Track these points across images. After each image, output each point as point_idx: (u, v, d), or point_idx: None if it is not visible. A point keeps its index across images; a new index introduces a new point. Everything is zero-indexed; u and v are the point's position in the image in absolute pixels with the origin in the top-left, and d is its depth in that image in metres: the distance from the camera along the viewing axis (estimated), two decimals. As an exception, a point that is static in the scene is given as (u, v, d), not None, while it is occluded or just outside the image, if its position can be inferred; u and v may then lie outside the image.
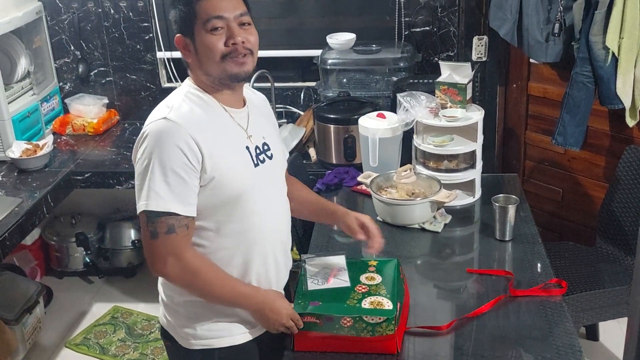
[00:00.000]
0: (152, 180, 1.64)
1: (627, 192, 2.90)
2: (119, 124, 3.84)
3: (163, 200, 1.64)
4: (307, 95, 3.69)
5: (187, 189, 1.66)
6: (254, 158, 1.81)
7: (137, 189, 1.69)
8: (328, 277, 1.94)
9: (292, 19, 3.61)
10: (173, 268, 1.70)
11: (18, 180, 3.15)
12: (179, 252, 1.69)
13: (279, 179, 1.94)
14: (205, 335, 1.83)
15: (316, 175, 3.06)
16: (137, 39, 3.72)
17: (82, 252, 3.80)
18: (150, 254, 1.71)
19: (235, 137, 1.79)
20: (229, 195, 1.73)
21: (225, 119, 1.78)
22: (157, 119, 1.69)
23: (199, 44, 1.72)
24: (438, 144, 2.64)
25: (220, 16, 1.70)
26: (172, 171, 1.64)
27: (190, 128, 1.67)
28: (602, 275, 2.86)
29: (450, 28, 3.49)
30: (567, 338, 1.87)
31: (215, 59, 1.71)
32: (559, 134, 3.07)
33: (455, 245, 2.45)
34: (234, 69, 1.73)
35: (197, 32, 1.71)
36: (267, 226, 1.84)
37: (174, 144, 1.64)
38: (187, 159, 1.65)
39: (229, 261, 1.78)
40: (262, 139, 1.86)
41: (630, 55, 2.78)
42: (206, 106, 1.76)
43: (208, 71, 1.74)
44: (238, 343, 1.85)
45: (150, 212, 1.66)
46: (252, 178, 1.78)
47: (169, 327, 1.89)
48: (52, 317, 3.54)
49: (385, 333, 1.78)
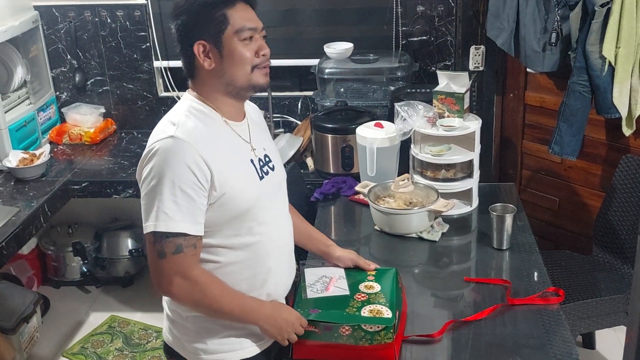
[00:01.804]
0: (160, 201, 1.63)
1: (623, 201, 2.91)
2: (115, 134, 3.84)
3: (173, 221, 1.63)
4: (304, 105, 3.70)
5: (195, 209, 1.65)
6: (259, 171, 1.81)
7: (145, 208, 1.67)
8: (327, 286, 1.94)
9: (289, 28, 3.62)
10: (180, 287, 1.69)
11: (15, 190, 3.14)
12: (186, 271, 1.67)
13: (282, 190, 1.94)
14: (216, 349, 1.81)
15: (314, 184, 3.06)
16: (134, 48, 3.72)
17: (79, 261, 3.79)
18: (156, 274, 1.69)
19: (240, 151, 1.79)
20: (238, 210, 1.73)
21: (228, 133, 1.78)
22: (164, 137, 1.66)
23: (229, 51, 1.71)
24: (436, 154, 2.65)
25: (254, 28, 1.73)
26: (181, 191, 1.62)
27: (198, 146, 1.65)
28: (598, 284, 2.86)
29: (448, 37, 3.50)
30: (564, 346, 1.87)
31: (246, 68, 1.72)
32: (556, 143, 3.08)
33: (452, 254, 2.46)
34: (261, 79, 1.75)
35: (227, 39, 1.70)
36: (274, 238, 1.84)
37: (183, 163, 1.63)
38: (197, 178, 1.63)
39: (239, 275, 1.78)
40: (264, 150, 1.86)
41: (627, 65, 2.79)
42: (209, 121, 1.75)
43: (233, 79, 1.74)
44: (249, 356, 1.83)
45: (158, 232, 1.64)
46: (258, 191, 1.78)
47: (174, 343, 1.87)
48: (49, 327, 3.53)
49: (383, 341, 1.78)
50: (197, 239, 1.68)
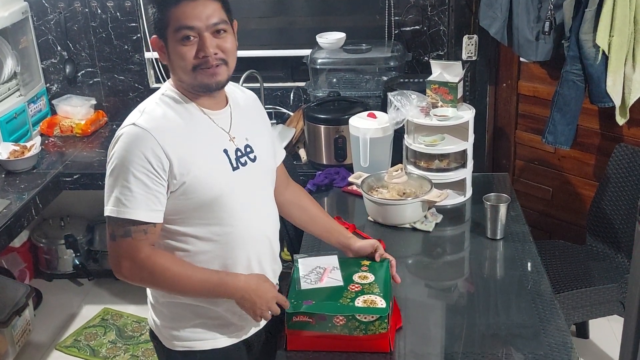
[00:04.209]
0: (116, 186, 1.66)
1: (617, 190, 2.91)
2: (107, 125, 3.81)
3: (123, 207, 1.65)
4: (296, 96, 3.68)
5: (149, 196, 1.66)
6: (233, 161, 1.77)
7: (105, 191, 1.71)
8: (321, 277, 1.93)
9: (281, 18, 3.60)
10: (127, 270, 1.72)
11: (6, 182, 3.12)
12: (132, 254, 1.69)
13: (264, 181, 1.89)
14: (187, 337, 1.82)
15: (306, 176, 3.04)
16: (124, 40, 3.70)
17: (71, 254, 3.78)
18: (109, 255, 1.75)
19: (213, 140, 1.76)
20: (202, 199, 1.71)
21: (202, 121, 1.75)
22: (127, 125, 1.69)
23: (172, 51, 1.70)
24: (429, 144, 2.64)
25: (191, 26, 1.66)
26: (134, 177, 1.64)
27: (159, 134, 1.65)
28: (592, 273, 2.87)
29: (440, 27, 3.49)
30: (559, 335, 1.87)
31: (187, 68, 1.69)
32: (549, 132, 3.07)
33: (446, 244, 2.45)
34: (205, 79, 1.70)
35: (170, 38, 1.69)
36: (250, 230, 1.80)
37: (139, 151, 1.64)
38: (152, 165, 1.64)
39: (209, 265, 1.76)
40: (245, 140, 1.82)
41: (621, 54, 2.79)
42: (182, 109, 1.74)
43: (181, 78, 1.73)
44: (221, 346, 1.83)
45: (111, 216, 1.68)
46: (229, 182, 1.75)
47: (155, 327, 1.90)
48: (41, 320, 3.52)
49: (378, 331, 1.77)
50: (148, 225, 1.68)
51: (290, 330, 1.82)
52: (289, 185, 2.07)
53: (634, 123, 3.01)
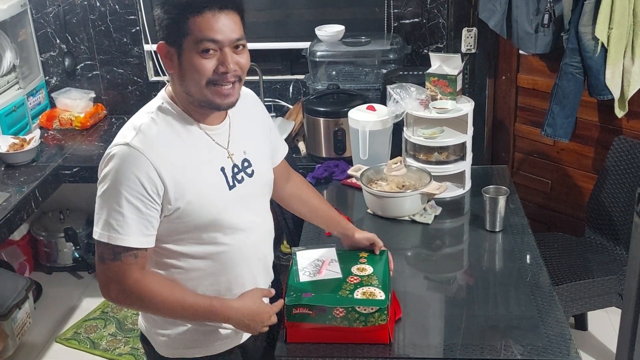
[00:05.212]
0: (107, 209, 1.58)
1: (615, 182, 2.91)
2: (106, 118, 3.81)
3: (115, 232, 1.58)
4: (295, 88, 3.68)
5: (142, 220, 1.59)
6: (230, 179, 1.71)
7: (95, 211, 1.62)
8: (320, 269, 1.93)
9: (280, 10, 3.59)
10: (115, 294, 1.64)
11: (5, 175, 3.12)
12: (121, 279, 1.61)
13: (259, 196, 1.83)
14: (180, 345, 1.78)
15: (306, 169, 3.04)
16: (123, 32, 3.69)
17: (71, 247, 3.78)
18: (97, 277, 1.66)
19: (209, 159, 1.69)
20: (197, 223, 1.66)
21: (199, 138, 1.68)
22: (121, 143, 1.59)
23: (186, 61, 1.59)
24: (428, 136, 2.64)
25: (216, 40, 1.57)
26: (127, 202, 1.57)
27: (153, 156, 1.58)
28: (591, 265, 2.87)
29: (440, 20, 3.48)
30: (557, 327, 1.88)
31: (201, 82, 1.60)
32: (548, 125, 3.07)
33: (445, 236, 2.46)
34: (217, 99, 1.62)
35: (186, 48, 1.58)
36: (244, 246, 1.76)
37: (133, 174, 1.56)
38: (146, 190, 1.57)
39: (201, 282, 1.72)
40: (243, 154, 1.76)
41: (620, 46, 2.79)
42: (178, 125, 1.66)
43: (189, 91, 1.63)
44: (214, 353, 1.80)
45: (100, 240, 1.61)
46: (224, 202, 1.69)
47: (146, 332, 1.85)
48: (41, 313, 3.52)
49: (377, 323, 1.78)
50: (139, 250, 1.61)
51: (290, 323, 1.82)
52: (290, 178, 2.05)
53: (633, 115, 3.01)
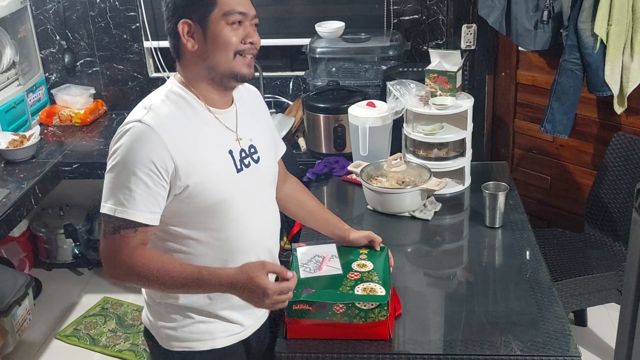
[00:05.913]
0: (115, 183, 1.60)
1: (615, 179, 2.92)
2: (106, 115, 3.81)
3: (122, 206, 1.59)
4: (296, 85, 3.68)
5: (149, 197, 1.60)
6: (237, 162, 1.73)
7: (104, 185, 1.65)
8: (320, 265, 1.94)
9: (280, 7, 3.59)
10: (110, 268, 1.65)
11: (5, 172, 3.12)
12: (115, 252, 1.62)
13: (266, 183, 1.84)
14: (185, 337, 1.78)
15: (306, 165, 3.05)
16: (123, 29, 3.69)
17: (70, 243, 3.79)
18: (100, 255, 1.67)
19: (219, 141, 1.71)
20: (206, 203, 1.67)
21: (208, 121, 1.71)
22: (133, 121, 1.62)
23: (214, 34, 1.64)
24: (428, 133, 2.65)
25: (243, 13, 1.66)
26: (136, 177, 1.58)
27: (165, 134, 1.60)
28: (590, 261, 2.88)
29: (439, 16, 3.49)
30: (557, 323, 1.88)
31: (229, 54, 1.65)
32: (548, 121, 3.08)
33: (445, 232, 2.46)
34: (243, 69, 1.69)
35: (213, 21, 1.64)
36: (251, 234, 1.76)
37: (145, 150, 1.58)
38: (155, 166, 1.59)
39: None
40: (250, 140, 1.78)
41: (619, 42, 2.79)
42: (188, 107, 1.68)
43: (215, 64, 1.67)
44: (220, 346, 1.80)
45: (105, 213, 1.62)
46: (233, 185, 1.70)
47: (150, 326, 1.85)
48: (41, 309, 3.53)
49: (377, 319, 1.78)
50: (140, 226, 1.61)
51: (290, 319, 1.82)
52: (287, 180, 2.05)
53: (632, 112, 3.02)
